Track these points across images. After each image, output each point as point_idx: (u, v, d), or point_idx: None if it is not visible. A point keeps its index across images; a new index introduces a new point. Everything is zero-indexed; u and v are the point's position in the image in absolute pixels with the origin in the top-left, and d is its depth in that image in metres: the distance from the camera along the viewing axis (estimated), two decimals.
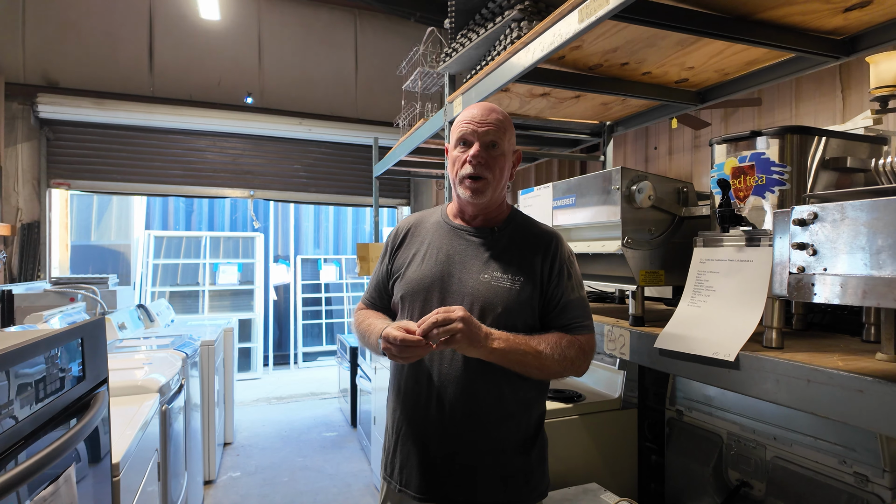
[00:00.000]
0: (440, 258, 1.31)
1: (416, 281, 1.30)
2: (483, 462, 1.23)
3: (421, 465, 1.25)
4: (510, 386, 1.25)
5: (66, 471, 1.04)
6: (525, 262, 1.28)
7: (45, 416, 0.99)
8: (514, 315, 1.23)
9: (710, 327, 1.14)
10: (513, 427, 1.26)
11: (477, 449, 1.23)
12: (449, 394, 1.23)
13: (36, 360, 0.96)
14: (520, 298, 1.24)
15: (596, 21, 1.42)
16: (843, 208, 0.80)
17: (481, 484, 1.23)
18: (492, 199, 1.30)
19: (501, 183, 1.30)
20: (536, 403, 1.32)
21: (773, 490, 1.57)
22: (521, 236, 1.33)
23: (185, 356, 2.77)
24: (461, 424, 1.23)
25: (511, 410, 1.26)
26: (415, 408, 1.28)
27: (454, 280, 1.27)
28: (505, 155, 1.29)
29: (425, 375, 1.26)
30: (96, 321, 1.27)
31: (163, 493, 2.15)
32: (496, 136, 1.27)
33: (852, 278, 0.78)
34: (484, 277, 1.25)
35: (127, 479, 1.54)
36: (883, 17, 1.56)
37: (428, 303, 1.27)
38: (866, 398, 0.82)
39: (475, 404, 1.23)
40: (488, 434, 1.24)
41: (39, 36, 4.54)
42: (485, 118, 1.27)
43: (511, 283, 1.25)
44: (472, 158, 1.25)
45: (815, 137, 1.13)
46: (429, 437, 1.25)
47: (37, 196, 4.55)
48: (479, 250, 1.30)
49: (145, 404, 1.95)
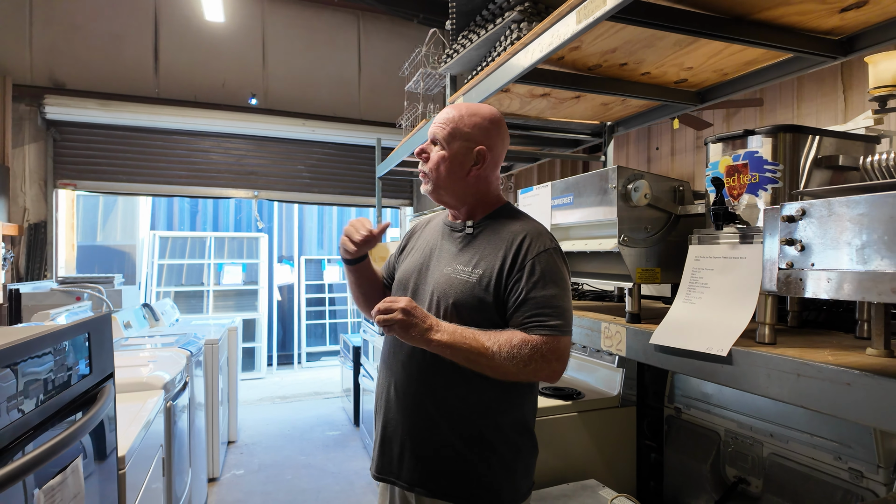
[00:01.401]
0: (424, 252, 1.39)
1: (403, 272, 1.40)
2: (438, 455, 1.25)
3: (380, 444, 1.34)
4: (465, 383, 1.23)
5: (72, 462, 1.07)
6: (490, 257, 1.26)
7: (52, 408, 1.02)
8: (467, 308, 1.23)
9: (705, 323, 1.15)
10: (465, 425, 1.24)
11: (430, 439, 1.25)
12: (402, 381, 1.29)
13: (44, 353, 0.99)
14: (474, 291, 1.23)
15: (594, 22, 1.44)
16: (829, 204, 0.81)
17: (429, 468, 1.25)
18: (445, 193, 1.33)
19: (444, 178, 1.31)
20: (501, 408, 1.26)
21: (769, 486, 1.59)
22: (493, 232, 1.31)
23: (190, 354, 2.80)
24: (411, 412, 1.28)
25: (462, 406, 1.24)
26: (379, 390, 1.38)
27: (428, 272, 1.34)
28: (445, 149, 1.30)
29: (388, 362, 1.35)
30: (102, 316, 1.30)
31: (167, 490, 2.17)
32: (437, 131, 1.32)
33: (839, 273, 0.80)
34: (447, 270, 1.29)
35: (132, 474, 1.56)
36: (880, 16, 1.57)
37: (404, 294, 1.35)
38: (854, 391, 0.84)
39: (426, 395, 1.26)
40: (436, 426, 1.25)
41: (46, 38, 4.60)
42: (443, 117, 1.33)
43: (469, 276, 1.25)
44: (417, 155, 1.35)
45: (808, 136, 1.15)
46: (387, 419, 1.33)
47: (44, 196, 4.60)
48: (454, 244, 1.34)
49: (150, 401, 1.98)
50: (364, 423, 4.20)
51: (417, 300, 1.29)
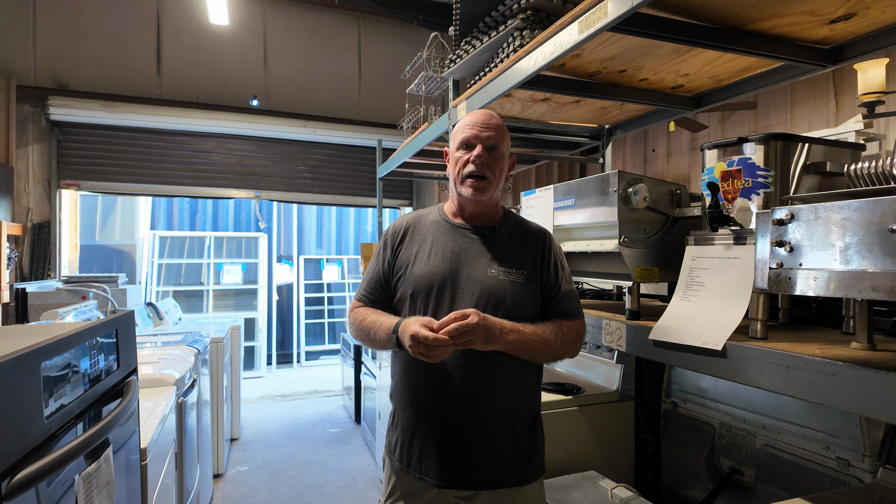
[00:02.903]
0: (447, 255, 1.39)
1: (426, 277, 1.37)
2: (499, 444, 1.34)
3: (440, 453, 1.33)
4: (518, 371, 1.36)
5: (105, 451, 1.13)
6: (525, 258, 1.42)
7: (90, 399, 1.08)
8: (520, 306, 1.36)
9: (701, 320, 1.22)
10: (522, 409, 1.39)
11: (493, 433, 1.34)
12: (463, 383, 1.32)
13: (82, 347, 1.05)
14: (525, 291, 1.37)
15: (595, 32, 1.50)
16: (815, 209, 0.89)
17: (499, 465, 1.34)
18: (491, 197, 1.43)
19: (500, 183, 1.44)
20: (536, 386, 1.46)
21: (762, 476, 1.66)
22: (518, 234, 1.46)
23: (198, 352, 2.85)
24: (477, 411, 1.33)
25: (520, 394, 1.38)
26: (432, 398, 1.35)
27: (462, 275, 1.36)
28: (504, 157, 1.43)
29: (439, 367, 1.33)
30: (127, 314, 1.36)
31: (178, 485, 2.23)
32: (496, 140, 1.40)
33: (824, 272, 0.87)
34: (491, 272, 1.36)
35: (151, 466, 1.62)
36: (867, 28, 1.64)
37: (440, 298, 1.35)
38: (838, 381, 0.91)
39: (488, 391, 1.33)
40: (501, 418, 1.34)
41: (50, 40, 4.64)
42: (487, 122, 1.41)
43: (516, 277, 1.37)
44: (475, 159, 1.38)
45: (798, 144, 1.22)
46: (447, 425, 1.33)
47: (47, 197, 4.64)
48: (483, 247, 1.41)
49: (164, 396, 2.03)
50: (366, 420, 4.26)
51: (459, 301, 1.34)
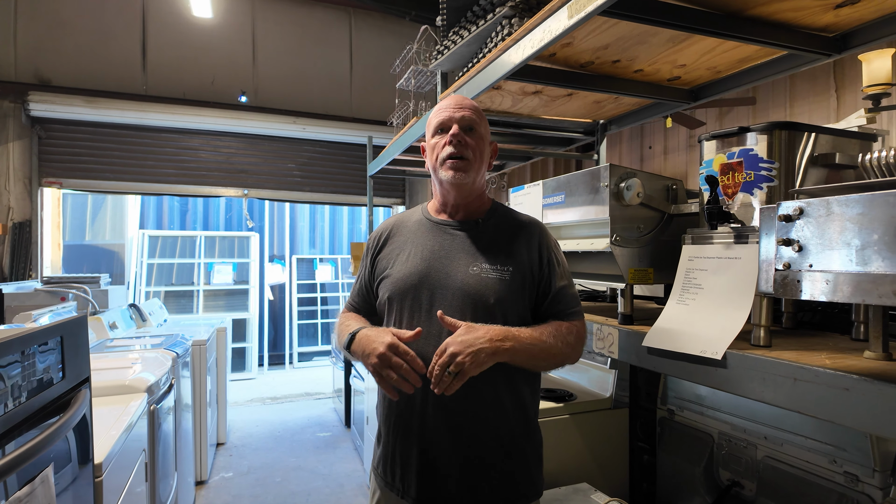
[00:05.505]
0: (424, 254, 1.29)
1: (402, 280, 1.27)
2: (483, 463, 1.21)
3: (420, 470, 1.22)
4: (505, 385, 1.23)
5: (43, 471, 1.03)
6: (513, 252, 1.28)
7: (19, 416, 0.97)
8: (506, 306, 1.22)
9: (698, 325, 1.13)
10: (508, 426, 1.24)
11: (475, 451, 1.21)
12: (444, 397, 1.17)
13: (11, 358, 0.94)
14: (511, 288, 1.23)
15: (585, 17, 1.41)
16: (828, 204, 0.78)
17: (482, 485, 1.21)
18: (474, 183, 1.30)
19: (482, 167, 1.32)
20: (530, 401, 1.30)
21: (763, 490, 1.56)
22: (506, 227, 1.33)
23: (176, 356, 2.75)
24: (458, 427, 1.21)
25: (507, 410, 1.24)
26: (410, 413, 1.24)
27: (441, 275, 1.25)
28: (483, 139, 1.31)
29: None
30: (78, 319, 1.25)
31: (150, 494, 2.12)
32: (472, 121, 1.30)
33: (838, 275, 0.77)
34: (473, 270, 1.24)
35: (111, 479, 1.52)
36: (874, 13, 1.55)
37: (416, 301, 1.25)
38: (852, 396, 0.81)
39: (471, 406, 1.21)
40: (486, 434, 1.22)
41: (31, 33, 4.51)
42: (460, 104, 1.31)
43: (501, 274, 1.24)
44: (451, 138, 1.27)
45: (804, 133, 1.12)
46: (426, 441, 1.22)
47: (28, 195, 4.52)
48: (465, 243, 1.29)
49: (132, 404, 1.93)
50: (355, 423, 4.16)
51: (437, 303, 1.22)
